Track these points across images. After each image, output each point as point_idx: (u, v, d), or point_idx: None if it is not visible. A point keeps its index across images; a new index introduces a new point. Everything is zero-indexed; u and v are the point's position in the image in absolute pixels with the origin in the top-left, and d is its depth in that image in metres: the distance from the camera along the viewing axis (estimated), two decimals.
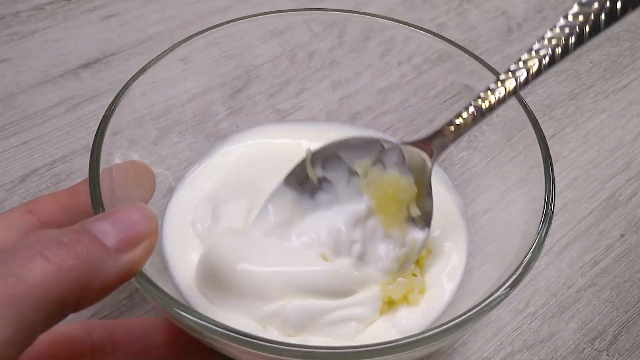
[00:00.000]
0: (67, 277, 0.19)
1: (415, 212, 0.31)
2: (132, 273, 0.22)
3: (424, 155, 0.30)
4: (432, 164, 0.31)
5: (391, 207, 0.31)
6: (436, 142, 0.30)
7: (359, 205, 0.32)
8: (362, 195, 0.32)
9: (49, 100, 0.47)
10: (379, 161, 0.32)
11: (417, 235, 0.31)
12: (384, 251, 0.32)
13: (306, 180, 0.32)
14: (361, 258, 0.31)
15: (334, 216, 0.32)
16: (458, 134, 0.29)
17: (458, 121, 0.29)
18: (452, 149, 0.38)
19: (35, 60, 0.50)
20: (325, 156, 0.32)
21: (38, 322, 0.19)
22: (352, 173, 0.32)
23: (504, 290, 0.25)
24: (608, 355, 0.36)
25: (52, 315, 0.20)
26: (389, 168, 0.32)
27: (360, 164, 0.32)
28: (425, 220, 0.31)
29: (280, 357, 0.23)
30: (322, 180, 0.32)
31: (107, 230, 0.21)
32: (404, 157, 0.31)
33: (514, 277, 0.26)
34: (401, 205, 0.31)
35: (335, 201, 0.32)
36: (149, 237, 0.22)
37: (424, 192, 0.31)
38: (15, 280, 0.19)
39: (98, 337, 0.29)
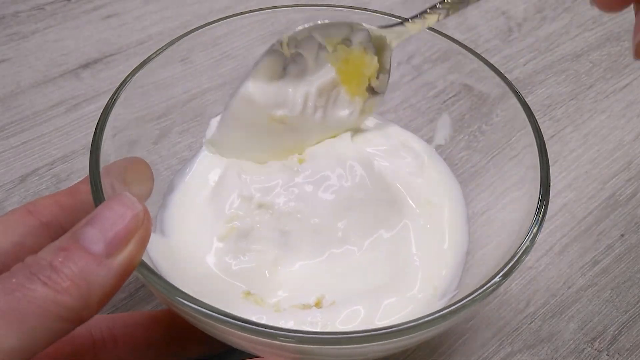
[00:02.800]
0: (64, 298, 0.20)
1: (375, 83, 0.36)
2: (130, 270, 0.22)
3: (389, 37, 0.35)
4: (394, 45, 0.35)
5: (354, 79, 0.36)
6: (399, 28, 0.35)
7: (326, 76, 0.36)
8: (329, 68, 0.36)
9: (49, 100, 0.47)
10: (348, 39, 0.35)
11: (375, 100, 0.37)
12: (345, 114, 0.37)
13: (280, 56, 0.35)
14: (323, 122, 0.36)
15: (303, 84, 0.35)
16: (421, 26, 0.34)
17: (425, 16, 0.34)
18: (452, 149, 0.38)
19: (35, 60, 0.50)
20: (300, 36, 0.35)
21: (42, 337, 0.20)
22: (322, 48, 0.35)
23: (498, 279, 0.26)
24: (608, 355, 0.36)
25: (55, 331, 0.20)
26: (356, 44, 0.35)
27: (330, 40, 0.35)
28: (382, 89, 0.37)
29: (283, 344, 0.23)
30: (295, 55, 0.35)
31: (93, 236, 0.21)
32: (370, 37, 0.35)
33: (507, 267, 0.26)
34: (363, 78, 0.36)
35: (304, 72, 0.35)
36: (138, 228, 0.22)
37: (384, 68, 0.36)
38: (20, 295, 0.19)
39: (98, 333, 0.29)
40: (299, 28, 0.34)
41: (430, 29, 0.37)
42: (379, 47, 0.35)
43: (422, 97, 0.40)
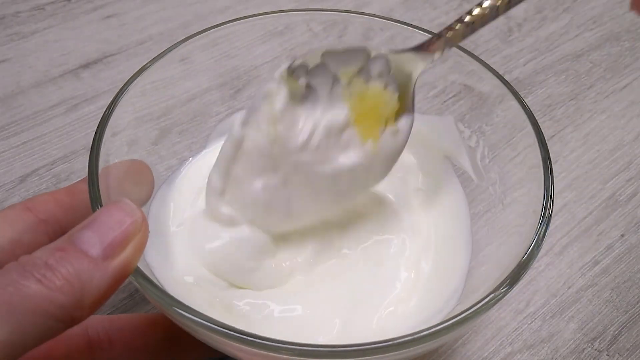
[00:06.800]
0: (57, 295, 0.20)
1: (393, 128, 0.30)
2: (126, 275, 0.22)
3: (411, 65, 0.30)
4: (418, 76, 0.30)
5: (370, 120, 0.30)
6: (423, 54, 0.30)
7: (339, 115, 0.30)
8: (342, 105, 0.30)
9: (49, 100, 0.47)
10: (365, 70, 0.30)
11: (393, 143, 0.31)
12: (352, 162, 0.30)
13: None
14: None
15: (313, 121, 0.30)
16: (446, 45, 0.29)
17: (448, 34, 0.29)
18: None
19: (35, 60, 0.50)
20: (310, 63, 0.30)
21: (33, 334, 0.20)
22: (336, 81, 0.30)
23: (503, 289, 0.25)
24: (608, 355, 0.36)
25: (46, 329, 0.20)
26: (374, 78, 0.30)
27: (345, 72, 0.30)
28: (400, 137, 0.31)
29: (278, 355, 0.23)
30: (306, 87, 0.30)
31: (90, 239, 0.21)
32: (390, 67, 0.30)
33: (512, 276, 0.26)
34: (380, 119, 0.30)
35: (315, 107, 0.30)
36: (136, 234, 0.22)
37: (406, 106, 0.30)
38: (13, 290, 0.19)
39: (95, 333, 0.29)
40: (308, 52, 0.29)
41: (429, 31, 0.37)
42: (401, 80, 0.30)
43: (422, 97, 0.40)
